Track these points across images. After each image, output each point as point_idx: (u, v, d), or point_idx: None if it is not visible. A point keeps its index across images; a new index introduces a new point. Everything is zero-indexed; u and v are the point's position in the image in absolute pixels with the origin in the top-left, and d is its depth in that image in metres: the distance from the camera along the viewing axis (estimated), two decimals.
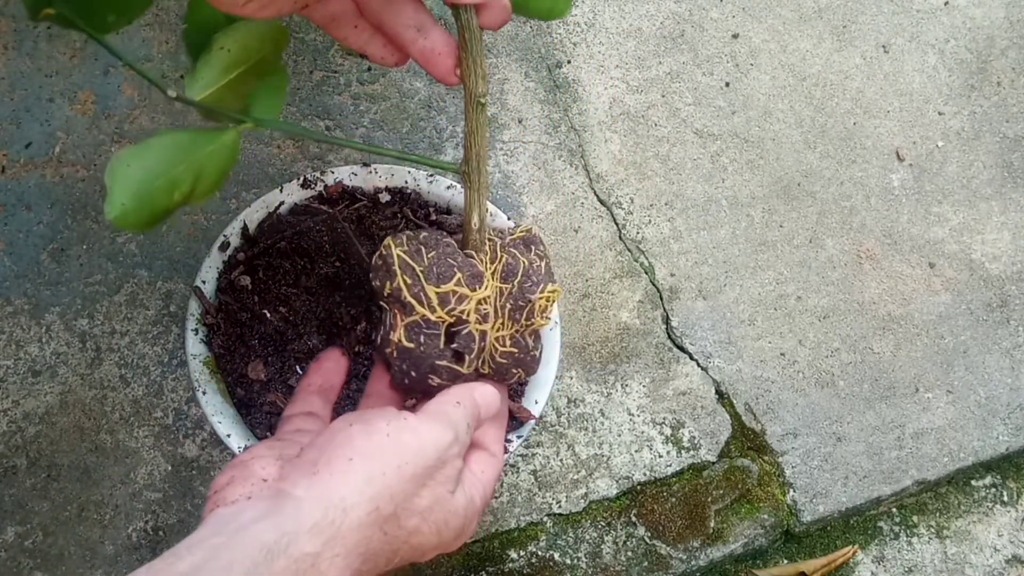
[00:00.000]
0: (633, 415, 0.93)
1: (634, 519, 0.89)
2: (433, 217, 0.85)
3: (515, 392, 0.81)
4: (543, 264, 0.60)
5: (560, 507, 0.88)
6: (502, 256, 0.59)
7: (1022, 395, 1.01)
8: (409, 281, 0.56)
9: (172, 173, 0.51)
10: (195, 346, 0.77)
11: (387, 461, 0.51)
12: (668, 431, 0.93)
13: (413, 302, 0.56)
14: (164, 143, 0.52)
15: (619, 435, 0.91)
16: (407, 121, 1.02)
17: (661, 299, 0.99)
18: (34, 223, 0.91)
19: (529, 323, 0.59)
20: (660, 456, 0.91)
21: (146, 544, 0.82)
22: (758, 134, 1.09)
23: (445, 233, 0.59)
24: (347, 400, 0.75)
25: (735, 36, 1.14)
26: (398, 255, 0.57)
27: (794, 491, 0.93)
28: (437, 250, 0.56)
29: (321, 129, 0.99)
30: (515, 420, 0.75)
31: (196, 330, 0.78)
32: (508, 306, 0.58)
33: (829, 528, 0.95)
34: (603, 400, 0.93)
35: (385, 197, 0.86)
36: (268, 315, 0.79)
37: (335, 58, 1.03)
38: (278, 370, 0.77)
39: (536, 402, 0.79)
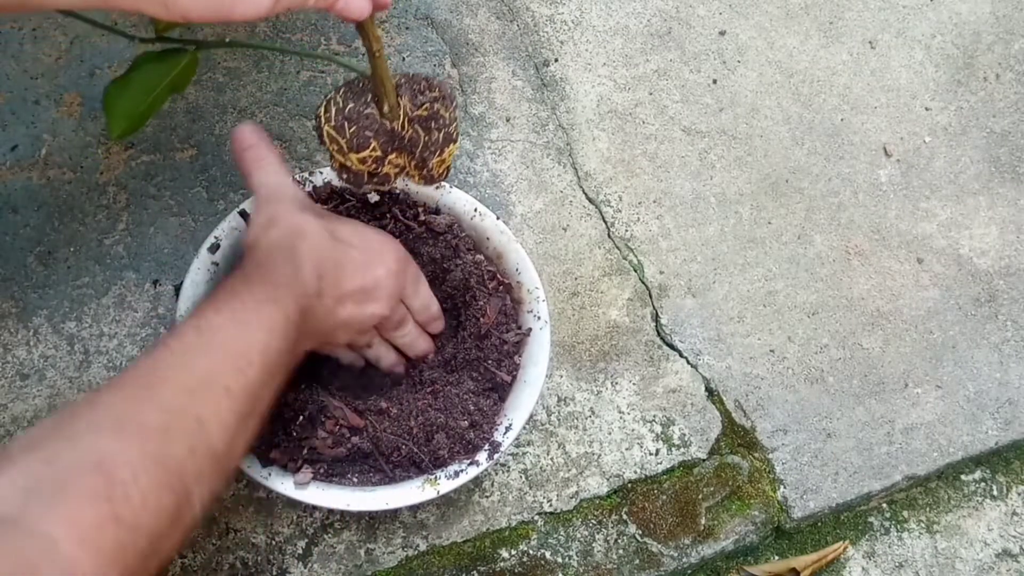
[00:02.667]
0: (623, 413, 0.93)
1: (625, 517, 0.89)
2: (422, 217, 0.85)
3: (502, 391, 0.81)
4: (450, 127, 0.73)
5: (551, 506, 0.88)
6: (413, 121, 0.71)
7: (1011, 389, 1.01)
8: (335, 149, 0.70)
9: (152, 95, 0.69)
10: None
11: None
12: (658, 429, 0.93)
13: (341, 160, 0.71)
14: (142, 74, 0.68)
15: (609, 433, 0.91)
16: None
17: (650, 297, 0.99)
18: (20, 226, 0.91)
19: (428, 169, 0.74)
20: (651, 454, 0.91)
21: None
22: (746, 131, 1.09)
23: (370, 103, 0.70)
24: None
25: (722, 33, 1.14)
26: (327, 131, 0.70)
27: (784, 487, 0.93)
28: (358, 124, 0.69)
29: (308, 128, 0.99)
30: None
31: None
32: (414, 155, 0.73)
33: (820, 524, 0.95)
34: (593, 398, 0.93)
35: (374, 197, 0.85)
36: None
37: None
38: None
39: (526, 407, 0.79)
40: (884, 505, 0.97)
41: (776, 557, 0.92)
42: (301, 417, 0.75)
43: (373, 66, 0.67)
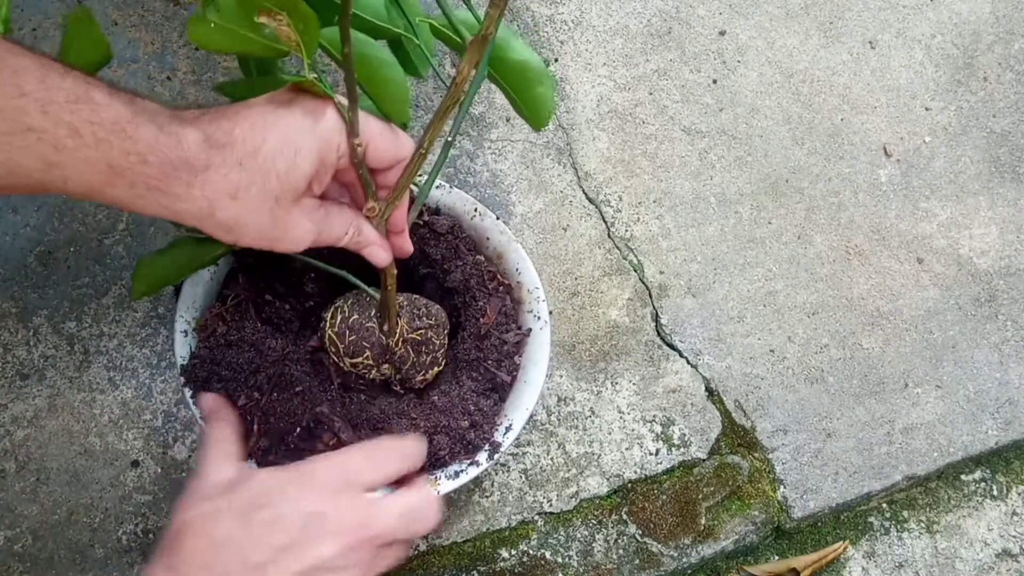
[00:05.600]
0: (623, 413, 0.93)
1: (625, 517, 0.89)
2: (426, 217, 0.85)
3: (502, 392, 0.81)
4: (438, 353, 0.80)
5: (551, 506, 0.88)
6: (407, 342, 0.78)
7: (1011, 389, 1.01)
8: (333, 351, 0.77)
9: (179, 274, 0.74)
10: (183, 348, 0.77)
11: None
12: (658, 429, 0.93)
13: (336, 362, 0.78)
14: (176, 253, 0.72)
15: (609, 433, 0.91)
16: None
17: (650, 297, 0.99)
18: (21, 226, 0.91)
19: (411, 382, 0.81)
20: (651, 454, 0.91)
21: (136, 547, 0.82)
22: (746, 131, 1.09)
23: (372, 317, 0.76)
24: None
25: (722, 33, 1.14)
26: (329, 335, 0.77)
27: (784, 487, 0.93)
28: (358, 334, 0.76)
29: None
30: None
31: (185, 332, 0.78)
32: (400, 370, 0.79)
33: (820, 524, 0.95)
34: (593, 398, 0.93)
35: None
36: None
37: (323, 59, 1.03)
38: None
39: (526, 407, 0.79)
40: (884, 505, 0.97)
41: (776, 557, 0.92)
42: (299, 428, 0.75)
43: (383, 296, 0.73)
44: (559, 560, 0.86)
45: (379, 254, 0.69)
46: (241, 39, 0.56)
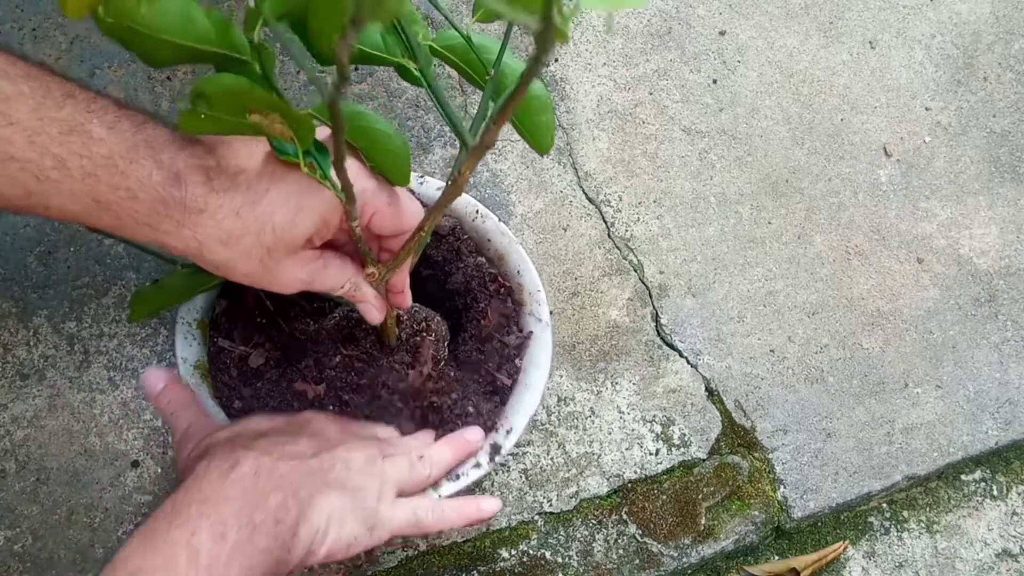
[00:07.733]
0: (623, 413, 0.93)
1: (625, 517, 0.89)
2: None
3: (503, 395, 0.81)
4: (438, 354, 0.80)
5: (551, 506, 0.88)
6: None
7: (1011, 389, 1.01)
8: None
9: (176, 301, 0.77)
10: (185, 349, 0.77)
11: None
12: (658, 429, 0.93)
13: None
14: (173, 284, 0.75)
15: (609, 433, 0.91)
16: (395, 120, 1.02)
17: (650, 297, 0.99)
18: (20, 226, 0.91)
19: None
20: (651, 454, 0.91)
21: None
22: (746, 131, 1.09)
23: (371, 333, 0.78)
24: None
25: (722, 33, 1.14)
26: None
27: (784, 487, 0.93)
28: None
29: None
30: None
31: (185, 332, 0.78)
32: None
33: (820, 524, 0.95)
34: (593, 398, 0.93)
35: None
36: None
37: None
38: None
39: (527, 411, 0.79)
40: (884, 505, 0.97)
41: (776, 557, 0.92)
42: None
43: (383, 326, 0.75)
44: (559, 560, 0.86)
45: (371, 312, 0.70)
46: (233, 124, 0.56)
